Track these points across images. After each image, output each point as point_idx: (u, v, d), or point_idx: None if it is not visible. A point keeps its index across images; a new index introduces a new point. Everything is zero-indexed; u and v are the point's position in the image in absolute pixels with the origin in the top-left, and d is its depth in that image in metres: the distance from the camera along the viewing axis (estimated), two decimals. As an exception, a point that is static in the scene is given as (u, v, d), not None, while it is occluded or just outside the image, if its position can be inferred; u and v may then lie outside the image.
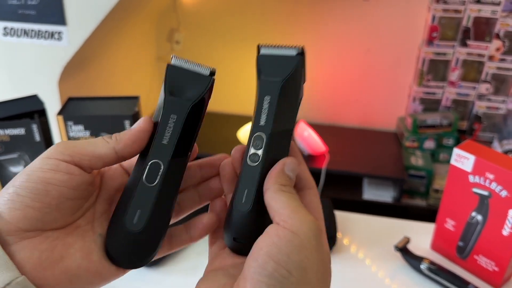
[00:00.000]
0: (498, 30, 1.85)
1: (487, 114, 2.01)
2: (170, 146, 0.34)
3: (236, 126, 1.97)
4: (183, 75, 0.35)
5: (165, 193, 0.34)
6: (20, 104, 0.89)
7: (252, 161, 0.34)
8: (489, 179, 0.76)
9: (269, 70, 0.35)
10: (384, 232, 0.96)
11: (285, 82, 0.34)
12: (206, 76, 0.36)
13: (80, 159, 0.33)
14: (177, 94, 0.35)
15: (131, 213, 0.33)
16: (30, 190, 0.31)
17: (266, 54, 0.35)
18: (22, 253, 0.30)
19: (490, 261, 0.80)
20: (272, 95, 0.34)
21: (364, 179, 1.98)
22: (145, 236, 0.33)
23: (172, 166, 0.34)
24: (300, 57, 0.35)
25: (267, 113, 0.34)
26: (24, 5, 1.30)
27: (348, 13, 2.01)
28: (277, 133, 0.34)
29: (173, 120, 0.34)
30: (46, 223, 0.32)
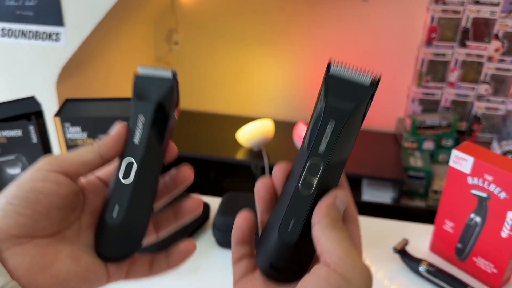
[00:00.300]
0: (497, 31, 1.85)
1: (486, 114, 2.01)
2: (141, 144, 0.36)
3: (235, 127, 1.97)
4: (148, 82, 0.38)
5: (140, 187, 0.36)
6: (17, 105, 0.89)
7: (305, 189, 0.32)
8: (487, 180, 0.75)
9: (338, 94, 0.33)
10: (383, 234, 0.95)
11: (355, 111, 0.32)
12: (169, 78, 0.38)
13: (68, 168, 0.35)
14: (143, 98, 0.37)
15: (110, 209, 0.36)
16: (21, 199, 0.33)
17: (336, 75, 0.34)
18: (14, 259, 0.32)
19: (489, 263, 0.80)
20: (338, 121, 0.32)
21: (363, 180, 1.98)
22: (124, 228, 0.36)
23: (144, 163, 0.36)
24: (373, 87, 0.33)
25: (328, 140, 0.32)
26: (22, 6, 1.30)
27: (347, 14, 2.01)
28: (336, 163, 0.33)
29: (141, 121, 0.36)
30: (36, 230, 0.33)
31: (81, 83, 1.58)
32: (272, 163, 1.86)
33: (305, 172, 0.32)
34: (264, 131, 1.88)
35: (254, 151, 1.93)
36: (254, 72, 2.22)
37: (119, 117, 0.82)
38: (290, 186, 0.33)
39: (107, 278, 0.37)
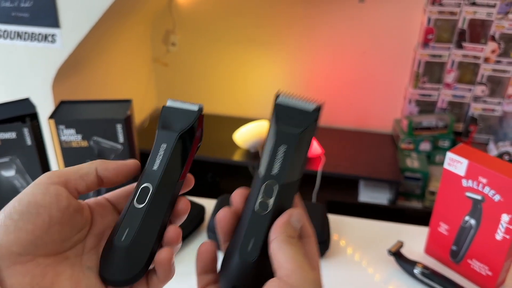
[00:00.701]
0: (494, 32, 1.85)
1: (482, 116, 2.01)
2: (159, 171, 0.37)
3: (232, 128, 1.97)
4: (175, 113, 0.39)
5: (153, 213, 0.36)
6: (12, 107, 0.88)
7: (262, 210, 0.35)
8: (482, 183, 0.76)
9: (286, 120, 0.35)
10: (379, 236, 0.95)
11: (303, 135, 0.35)
12: (194, 111, 0.39)
13: (67, 180, 0.35)
14: (168, 128, 0.38)
15: (120, 232, 0.36)
16: (22, 213, 0.32)
17: (283, 103, 0.36)
18: (13, 278, 0.31)
19: (484, 265, 0.80)
20: (289, 145, 0.35)
21: (360, 181, 1.98)
22: (131, 251, 0.35)
23: (160, 189, 0.36)
24: (317, 113, 0.36)
25: (281, 163, 0.35)
26: (18, 7, 1.29)
27: (344, 15, 2.01)
28: (289, 184, 0.35)
29: (163, 148, 0.37)
30: (38, 247, 0.33)
31: (77, 85, 1.58)
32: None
33: (261, 194, 0.35)
34: (261, 132, 1.88)
35: (251, 152, 1.93)
36: (251, 73, 2.22)
37: (113, 119, 0.82)
38: (248, 208, 0.35)
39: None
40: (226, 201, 0.94)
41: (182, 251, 0.89)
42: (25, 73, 1.42)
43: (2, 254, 0.31)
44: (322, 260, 0.89)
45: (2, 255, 0.31)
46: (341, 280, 0.85)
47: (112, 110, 0.88)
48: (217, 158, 1.90)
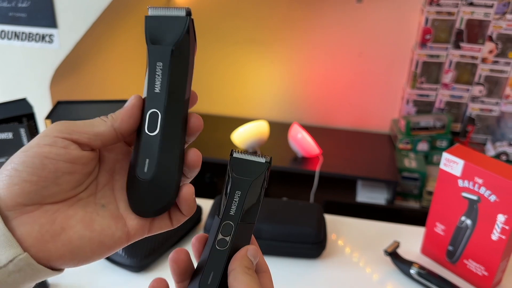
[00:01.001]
0: (491, 33, 1.86)
1: (480, 116, 2.02)
2: (163, 93, 0.35)
3: (230, 128, 1.97)
4: (161, 23, 0.35)
5: (168, 138, 0.35)
6: (9, 107, 0.89)
7: (220, 246, 0.38)
8: (478, 183, 0.76)
9: (241, 170, 0.39)
10: (376, 236, 0.96)
11: (255, 182, 0.39)
12: (183, 16, 0.35)
13: (79, 137, 0.33)
14: (159, 42, 0.35)
15: (141, 164, 0.35)
16: (27, 164, 0.31)
17: (238, 157, 0.40)
18: (22, 228, 0.31)
19: (480, 265, 0.80)
20: (242, 190, 0.39)
21: (358, 181, 1.98)
22: (157, 182, 0.35)
23: (169, 112, 0.35)
24: (267, 164, 0.40)
25: (237, 205, 0.38)
26: (15, 7, 1.29)
27: (341, 16, 2.01)
28: (244, 224, 0.38)
29: (159, 67, 0.35)
30: (44, 197, 0.32)
31: (75, 85, 1.57)
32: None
33: (220, 232, 0.38)
34: (259, 132, 1.88)
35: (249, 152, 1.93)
36: (249, 74, 2.22)
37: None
38: (208, 246, 0.38)
39: (127, 238, 0.36)
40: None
41: (179, 252, 0.89)
42: (22, 74, 1.42)
43: (7, 205, 0.31)
44: (319, 260, 0.89)
45: (7, 206, 0.31)
46: (337, 280, 0.85)
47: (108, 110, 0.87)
48: (215, 158, 1.90)
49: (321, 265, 0.88)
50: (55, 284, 0.81)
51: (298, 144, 1.87)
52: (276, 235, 0.86)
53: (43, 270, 0.31)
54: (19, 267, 0.30)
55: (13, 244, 0.30)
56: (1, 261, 0.29)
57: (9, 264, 0.29)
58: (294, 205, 0.93)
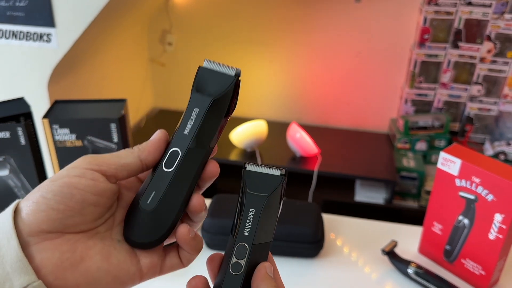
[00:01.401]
0: (489, 32, 1.86)
1: (478, 115, 2.02)
2: (190, 136, 0.36)
3: (228, 128, 1.97)
4: (211, 76, 0.38)
5: (181, 177, 0.36)
6: (6, 107, 0.88)
7: (235, 271, 0.36)
8: (475, 183, 0.76)
9: (254, 185, 0.38)
10: (374, 235, 0.96)
11: (270, 198, 0.37)
12: (231, 76, 0.38)
13: (107, 169, 0.35)
14: (202, 91, 0.37)
15: (146, 195, 0.36)
16: (55, 193, 0.32)
17: (252, 170, 0.38)
18: (43, 254, 0.31)
19: (477, 265, 0.80)
20: (257, 208, 0.37)
21: (356, 181, 1.98)
22: (157, 214, 0.35)
23: (190, 154, 0.36)
24: (283, 177, 0.38)
25: (251, 225, 0.37)
26: (13, 6, 1.29)
27: (339, 15, 2.01)
28: (260, 244, 0.37)
29: (195, 113, 0.36)
30: (68, 226, 0.32)
31: (73, 85, 1.57)
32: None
33: (233, 255, 0.36)
34: (257, 132, 1.88)
35: (247, 151, 1.93)
36: (247, 73, 2.22)
37: (107, 119, 0.82)
38: (223, 269, 0.37)
39: (140, 276, 0.36)
40: (221, 201, 0.94)
41: (177, 251, 0.89)
42: (20, 73, 1.42)
43: (31, 230, 0.31)
44: (316, 259, 0.89)
45: (31, 231, 0.31)
46: (335, 279, 0.85)
47: (106, 109, 0.88)
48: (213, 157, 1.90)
49: (319, 265, 0.88)
50: (53, 284, 0.81)
51: (297, 144, 1.87)
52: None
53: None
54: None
55: (29, 271, 0.30)
56: (15, 287, 0.29)
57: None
58: (291, 204, 0.93)
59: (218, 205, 0.92)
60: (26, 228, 0.31)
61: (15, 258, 0.30)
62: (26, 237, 0.31)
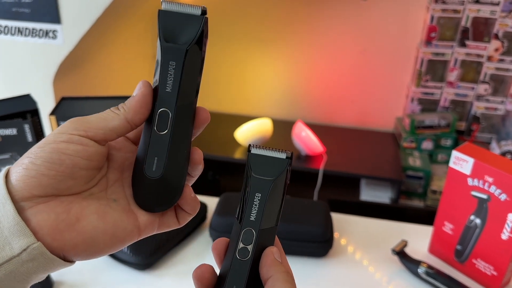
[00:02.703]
0: (497, 31, 1.84)
1: (485, 114, 2.00)
2: (174, 93, 0.35)
3: (233, 126, 1.96)
4: (176, 20, 0.35)
5: (178, 139, 0.35)
6: (13, 103, 0.88)
7: (242, 256, 0.36)
8: (488, 182, 0.75)
9: (260, 168, 0.37)
10: (382, 235, 0.95)
11: (276, 182, 0.37)
12: (198, 16, 0.35)
13: (95, 134, 0.34)
14: (172, 40, 0.35)
15: (149, 162, 0.35)
16: (44, 159, 0.32)
17: (257, 153, 0.37)
18: (39, 216, 0.31)
19: (489, 265, 0.79)
20: (263, 192, 0.36)
21: (362, 180, 1.97)
22: (166, 180, 0.35)
23: (179, 112, 0.35)
24: (289, 160, 0.37)
25: (257, 210, 0.36)
26: (18, 3, 1.28)
27: (346, 13, 2.00)
28: (266, 229, 0.36)
29: (172, 66, 0.35)
30: (60, 190, 0.33)
31: (79, 81, 1.57)
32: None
33: (240, 240, 0.36)
34: (262, 130, 1.88)
35: (252, 150, 1.93)
36: (252, 71, 2.21)
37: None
38: (229, 254, 0.36)
39: (139, 233, 0.36)
40: (229, 199, 0.93)
41: (184, 250, 0.89)
42: (25, 69, 1.41)
43: (23, 196, 0.31)
44: (325, 259, 0.88)
45: (23, 197, 0.31)
46: (345, 279, 0.84)
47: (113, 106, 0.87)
48: (218, 156, 1.89)
49: (328, 264, 0.87)
50: (60, 282, 0.80)
51: (302, 142, 1.86)
52: (282, 233, 0.85)
53: (55, 260, 0.31)
54: (33, 256, 0.30)
55: (27, 233, 0.30)
56: (14, 250, 0.30)
57: (22, 253, 0.30)
58: (300, 203, 0.92)
59: (226, 204, 0.91)
60: (18, 194, 0.31)
61: (12, 221, 0.30)
62: (19, 203, 0.31)
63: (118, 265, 0.84)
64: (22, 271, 0.30)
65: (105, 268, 0.84)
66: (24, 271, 0.30)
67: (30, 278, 0.31)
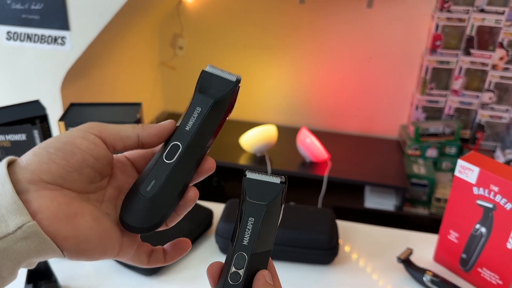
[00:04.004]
0: (502, 39, 1.85)
1: (490, 123, 2.01)
2: (191, 132, 0.38)
3: (238, 132, 1.97)
4: (213, 79, 0.41)
5: (180, 169, 0.37)
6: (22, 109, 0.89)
7: (233, 281, 0.36)
8: (493, 191, 0.75)
9: (254, 193, 0.38)
10: (387, 243, 0.95)
11: (269, 207, 0.38)
12: (232, 81, 0.40)
13: (106, 137, 0.37)
14: (205, 93, 0.40)
15: (146, 183, 0.37)
16: (58, 149, 0.34)
17: (252, 178, 0.39)
18: (42, 200, 0.32)
19: (494, 274, 0.79)
20: (256, 217, 0.37)
21: (366, 187, 1.98)
22: (154, 202, 0.37)
23: (190, 149, 0.38)
24: (283, 185, 0.39)
25: (250, 234, 0.37)
26: (28, 9, 1.30)
27: (350, 21, 2.01)
28: (259, 254, 0.37)
29: (197, 111, 0.39)
30: (66, 182, 0.34)
31: (86, 87, 1.58)
32: (274, 169, 1.85)
33: (232, 264, 0.37)
34: (267, 136, 1.88)
35: (257, 156, 1.93)
36: (258, 78, 2.22)
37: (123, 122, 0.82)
38: (222, 278, 0.37)
39: (119, 250, 0.37)
40: (235, 206, 0.93)
41: (190, 256, 0.89)
42: (34, 75, 1.43)
43: (33, 179, 0.33)
44: (331, 266, 0.88)
45: (33, 180, 0.33)
46: (350, 287, 0.84)
47: (122, 113, 0.88)
48: (223, 161, 1.90)
49: (333, 272, 0.87)
50: (66, 286, 0.81)
51: (307, 149, 1.86)
52: (287, 240, 0.86)
53: (48, 242, 0.32)
54: (27, 234, 0.31)
55: (23, 212, 0.31)
56: (10, 227, 0.31)
57: (17, 231, 0.31)
58: (305, 210, 0.92)
59: (232, 210, 0.92)
60: (28, 176, 0.33)
61: (10, 200, 0.31)
62: (26, 184, 0.32)
63: (124, 270, 0.85)
64: (15, 249, 0.31)
65: (111, 273, 0.85)
66: (17, 249, 0.31)
67: (22, 258, 0.31)
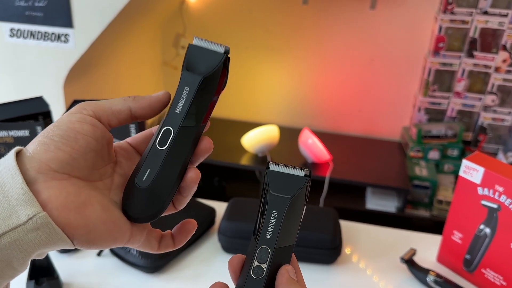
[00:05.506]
0: (505, 42, 1.85)
1: (492, 125, 2.00)
2: (181, 114, 0.37)
3: (240, 132, 1.96)
4: (200, 54, 0.38)
5: (173, 155, 0.36)
6: (25, 105, 0.89)
7: (256, 275, 0.36)
8: (498, 191, 0.75)
9: (278, 186, 0.37)
10: (390, 243, 0.95)
11: (293, 200, 0.37)
12: (220, 53, 0.38)
13: (101, 115, 0.36)
14: (192, 70, 0.37)
15: (142, 173, 0.36)
16: (62, 136, 0.34)
17: (275, 170, 0.38)
18: (51, 191, 0.32)
19: (498, 275, 0.79)
20: (279, 210, 0.36)
21: (368, 189, 1.97)
22: (152, 191, 0.36)
23: (181, 132, 0.37)
24: (307, 178, 0.38)
25: (274, 228, 0.36)
26: (32, 6, 1.30)
27: (353, 22, 2.01)
28: (282, 248, 0.36)
29: (186, 91, 0.37)
30: (74, 168, 0.34)
31: (89, 85, 1.58)
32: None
33: (255, 258, 0.36)
34: (269, 136, 1.88)
35: (258, 156, 1.93)
36: (260, 78, 2.22)
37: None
38: (244, 271, 0.36)
39: (129, 238, 0.37)
40: (238, 205, 0.93)
41: (192, 254, 0.89)
42: (37, 72, 1.43)
43: (41, 168, 0.32)
44: (333, 266, 0.88)
45: (41, 169, 0.32)
46: (353, 287, 0.84)
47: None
48: (225, 162, 1.90)
49: (336, 271, 0.87)
50: (69, 284, 0.81)
51: (309, 150, 1.86)
52: (290, 240, 0.85)
53: (58, 232, 0.32)
54: (38, 225, 0.31)
55: (34, 203, 0.31)
56: (20, 218, 0.31)
57: (28, 222, 0.31)
58: (308, 209, 0.92)
59: (235, 209, 0.92)
60: (36, 166, 0.32)
61: (20, 191, 0.31)
62: (35, 174, 0.32)
63: (126, 268, 0.85)
64: (26, 240, 0.31)
65: (113, 271, 0.84)
66: (28, 240, 0.31)
67: (32, 249, 0.31)
